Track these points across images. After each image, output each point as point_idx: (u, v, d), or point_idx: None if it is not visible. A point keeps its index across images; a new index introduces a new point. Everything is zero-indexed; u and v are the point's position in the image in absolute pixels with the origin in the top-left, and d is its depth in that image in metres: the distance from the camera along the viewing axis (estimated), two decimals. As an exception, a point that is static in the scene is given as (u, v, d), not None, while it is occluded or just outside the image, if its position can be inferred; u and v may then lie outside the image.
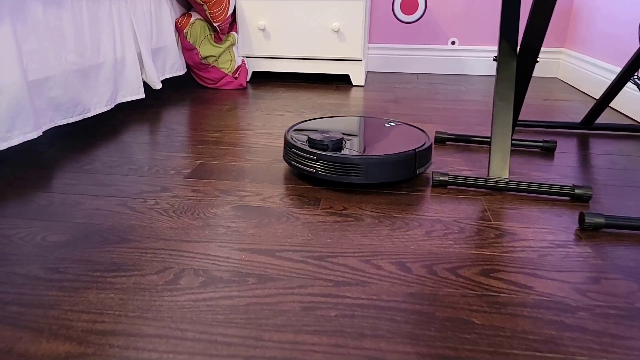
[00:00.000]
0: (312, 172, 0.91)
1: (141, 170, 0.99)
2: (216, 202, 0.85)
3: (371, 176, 0.89)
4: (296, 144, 0.94)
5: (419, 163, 0.93)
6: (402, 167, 0.91)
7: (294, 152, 0.94)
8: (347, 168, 0.89)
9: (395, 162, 0.90)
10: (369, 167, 0.89)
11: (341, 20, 1.79)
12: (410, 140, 0.97)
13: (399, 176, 0.91)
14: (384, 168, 0.89)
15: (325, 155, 0.89)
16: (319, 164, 0.90)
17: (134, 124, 1.33)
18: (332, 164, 0.89)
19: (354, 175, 0.89)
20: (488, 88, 1.86)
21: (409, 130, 1.05)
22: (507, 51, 0.95)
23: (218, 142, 1.19)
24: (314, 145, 0.93)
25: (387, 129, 1.05)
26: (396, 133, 1.03)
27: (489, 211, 0.83)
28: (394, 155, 0.89)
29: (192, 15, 1.72)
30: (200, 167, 1.02)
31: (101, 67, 1.24)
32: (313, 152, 0.90)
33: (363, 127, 1.07)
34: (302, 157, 0.92)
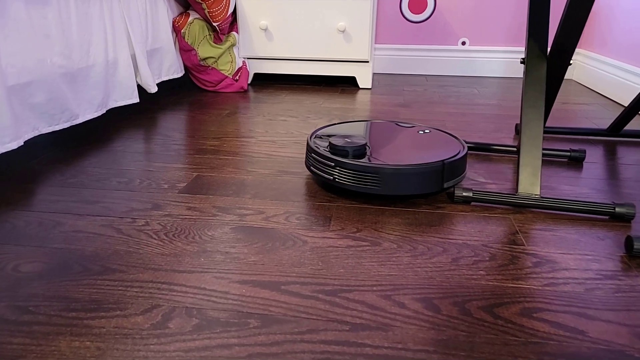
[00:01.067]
0: (329, 180, 0.85)
1: (131, 184, 0.90)
2: (213, 223, 0.76)
3: (389, 187, 0.81)
4: (317, 149, 0.88)
5: (448, 176, 0.84)
6: (426, 179, 0.82)
7: (313, 157, 0.88)
8: (363, 177, 0.81)
9: (417, 173, 0.81)
10: (387, 177, 0.81)
11: (347, 19, 1.69)
12: (441, 150, 0.89)
13: (422, 189, 0.82)
14: (404, 179, 0.81)
15: (344, 162, 0.82)
16: (337, 171, 0.83)
17: (127, 130, 1.24)
18: (350, 172, 0.82)
19: (370, 185, 0.81)
20: (502, 91, 1.77)
21: (443, 138, 0.96)
22: (536, 52, 0.85)
23: (217, 151, 1.09)
24: (334, 150, 0.86)
25: (419, 136, 0.97)
26: (428, 141, 0.94)
27: (520, 233, 0.73)
28: (417, 166, 0.81)
29: (191, 14, 1.63)
30: (197, 180, 0.92)
31: (91, 70, 1.15)
32: (331, 158, 0.84)
33: (393, 133, 0.99)
34: (320, 163, 0.86)
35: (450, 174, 0.84)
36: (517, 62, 2.02)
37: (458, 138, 0.96)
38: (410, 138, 0.96)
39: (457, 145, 0.92)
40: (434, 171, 0.82)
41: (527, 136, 0.83)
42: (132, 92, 1.31)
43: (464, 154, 0.87)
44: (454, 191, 0.83)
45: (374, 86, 1.85)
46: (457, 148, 0.90)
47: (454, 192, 0.83)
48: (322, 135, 0.96)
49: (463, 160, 0.87)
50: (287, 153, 1.08)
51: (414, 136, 0.97)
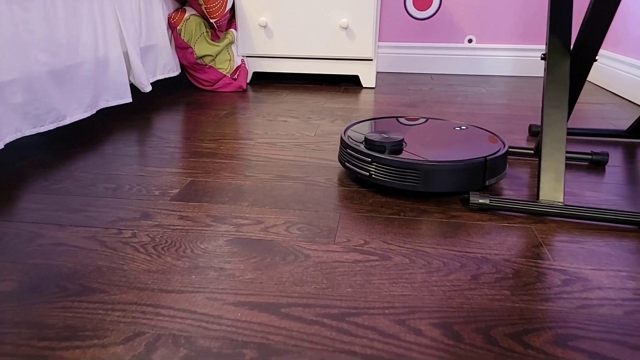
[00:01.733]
0: (365, 176, 0.83)
1: (120, 190, 0.84)
2: (207, 234, 0.69)
3: (432, 184, 0.78)
4: (351, 144, 0.85)
5: (490, 173, 0.81)
6: (469, 176, 0.79)
7: (348, 152, 0.86)
8: (404, 173, 0.79)
9: (460, 169, 0.78)
10: (429, 174, 0.78)
11: (350, 16, 1.63)
12: (482, 146, 0.86)
13: (463, 187, 0.80)
14: (448, 176, 0.78)
15: (382, 157, 0.80)
16: (374, 167, 0.81)
17: (119, 132, 1.17)
18: (388, 168, 0.80)
19: (412, 181, 0.79)
20: (511, 90, 1.70)
21: (480, 135, 0.93)
22: (559, 48, 0.79)
23: (213, 154, 1.03)
24: (370, 146, 0.83)
25: (456, 132, 0.94)
26: (466, 137, 0.91)
27: (545, 246, 0.67)
28: (459, 162, 0.78)
29: (187, 10, 1.56)
30: (191, 185, 0.86)
31: (79, 68, 1.08)
32: (368, 154, 0.82)
33: (429, 129, 0.96)
34: (356, 159, 0.84)
35: (492, 171, 0.81)
36: (526, 60, 1.95)
37: (497, 134, 0.93)
38: (447, 134, 0.93)
39: (497, 142, 0.88)
40: (477, 168, 0.79)
41: (550, 138, 0.76)
42: (124, 91, 1.24)
43: (505, 151, 0.83)
44: (469, 198, 0.76)
45: (378, 85, 1.78)
46: (498, 145, 0.86)
47: (469, 199, 0.76)
48: (356, 130, 0.94)
49: (504, 157, 0.83)
50: (288, 156, 1.01)
51: (450, 132, 0.94)
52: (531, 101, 1.53)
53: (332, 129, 1.21)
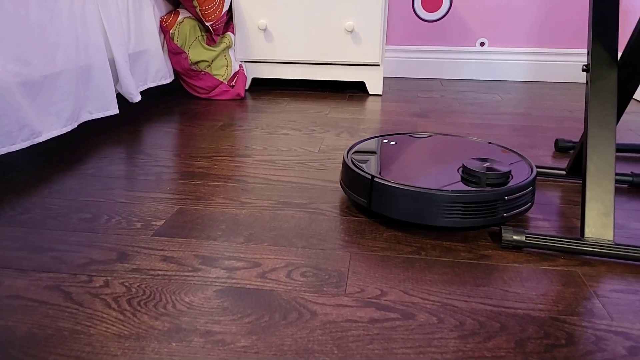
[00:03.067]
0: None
1: (96, 222, 0.73)
2: (194, 282, 0.58)
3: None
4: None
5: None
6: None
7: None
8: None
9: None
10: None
11: (356, 18, 1.52)
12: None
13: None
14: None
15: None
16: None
17: (102, 148, 1.06)
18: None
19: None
20: (528, 97, 1.59)
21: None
22: (604, 58, 0.67)
23: (206, 174, 0.92)
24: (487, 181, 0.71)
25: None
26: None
27: (597, 297, 0.56)
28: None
29: (181, 12, 1.45)
30: (178, 215, 0.75)
31: (58, 78, 0.97)
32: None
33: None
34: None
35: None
36: (542, 65, 1.84)
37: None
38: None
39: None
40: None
41: (595, 163, 0.65)
42: (110, 102, 1.13)
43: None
44: (502, 234, 0.65)
45: (385, 92, 1.67)
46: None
47: (502, 235, 0.65)
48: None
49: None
50: (289, 177, 0.90)
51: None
52: (551, 110, 1.42)
53: (338, 144, 1.10)
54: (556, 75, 1.85)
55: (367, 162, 0.78)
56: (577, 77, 1.84)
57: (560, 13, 1.78)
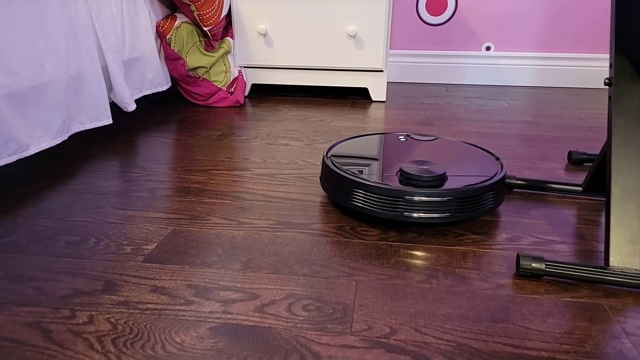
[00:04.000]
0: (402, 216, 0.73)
1: (83, 245, 0.68)
2: (185, 317, 0.53)
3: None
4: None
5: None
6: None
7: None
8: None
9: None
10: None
11: (359, 22, 1.47)
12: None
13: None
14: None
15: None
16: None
17: (94, 161, 1.02)
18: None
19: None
20: (536, 104, 1.54)
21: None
22: (628, 71, 0.63)
23: (202, 190, 0.87)
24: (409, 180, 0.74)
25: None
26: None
27: (627, 335, 0.51)
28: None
29: (178, 17, 1.41)
30: (171, 238, 0.70)
31: (47, 88, 0.92)
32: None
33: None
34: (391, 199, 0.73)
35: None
36: (549, 70, 1.79)
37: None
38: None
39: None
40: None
41: (620, 186, 0.60)
42: (103, 112, 1.09)
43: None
44: (519, 261, 0.60)
45: (389, 98, 1.62)
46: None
47: (519, 262, 0.60)
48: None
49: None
50: (290, 193, 0.86)
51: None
52: (561, 118, 1.37)
53: (341, 155, 1.05)
54: (564, 80, 1.80)
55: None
56: (585, 83, 1.79)
57: (568, 16, 1.73)
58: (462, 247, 0.68)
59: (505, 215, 0.78)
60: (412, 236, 0.71)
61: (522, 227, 0.74)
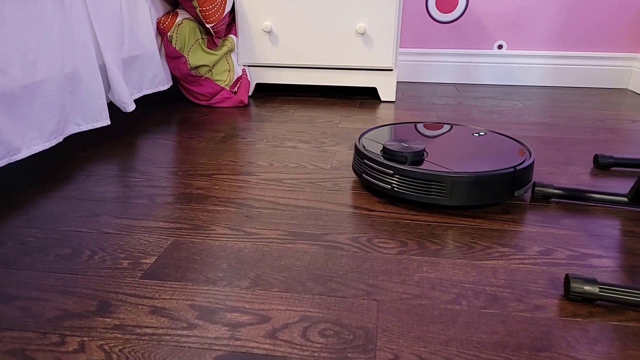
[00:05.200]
0: (387, 189, 0.78)
1: (76, 259, 0.62)
2: (188, 344, 0.47)
3: (459, 197, 0.74)
4: (369, 154, 0.81)
5: (519, 183, 0.76)
6: (499, 187, 0.75)
7: (366, 163, 0.81)
8: (429, 186, 0.74)
9: (490, 181, 0.74)
10: (456, 186, 0.73)
11: (368, 20, 1.41)
12: (506, 155, 0.81)
13: (493, 199, 0.75)
14: (475, 188, 0.73)
15: (404, 169, 0.75)
16: (396, 180, 0.76)
17: (90, 165, 0.96)
18: (411, 180, 0.75)
19: (437, 195, 0.74)
20: (552, 105, 1.48)
21: (501, 142, 0.88)
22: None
23: (205, 196, 0.81)
24: (391, 156, 0.79)
25: (475, 139, 0.90)
26: (487, 145, 0.86)
27: (689, 367, 0.45)
28: (488, 173, 0.74)
29: (179, 13, 1.35)
30: (172, 250, 0.64)
31: (40, 88, 0.87)
32: (389, 165, 0.77)
33: (447, 136, 0.91)
34: (375, 171, 0.79)
35: (521, 182, 0.77)
36: (563, 69, 1.73)
37: (519, 141, 0.88)
38: (467, 141, 0.88)
39: (520, 149, 0.84)
40: (505, 178, 0.75)
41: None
42: (100, 112, 1.03)
43: (532, 160, 0.79)
44: (568, 283, 0.54)
45: (398, 98, 1.56)
46: (523, 153, 0.82)
47: (568, 285, 0.54)
48: (370, 139, 0.89)
49: (531, 167, 0.79)
50: (300, 200, 0.80)
51: (470, 139, 0.90)
52: (580, 119, 1.31)
53: (351, 159, 0.99)
54: (578, 80, 1.74)
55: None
56: (601, 82, 1.73)
57: (583, 13, 1.67)
58: (490, 261, 0.62)
59: (533, 224, 0.72)
60: (435, 249, 0.65)
61: (555, 239, 0.68)
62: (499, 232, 0.70)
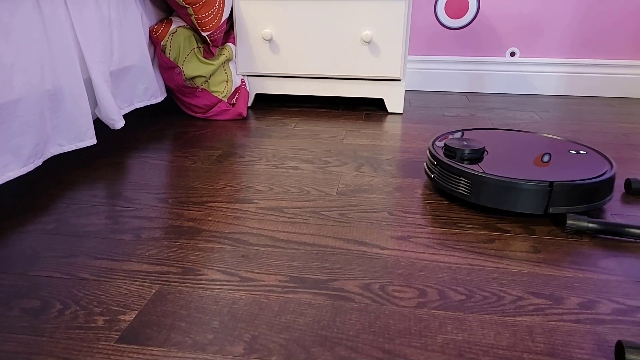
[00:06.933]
0: (430, 177, 0.86)
1: (45, 314, 0.54)
2: None
3: (480, 196, 0.77)
4: (434, 151, 0.86)
5: (557, 200, 0.73)
6: (523, 197, 0.74)
7: (427, 154, 0.89)
8: (457, 180, 0.79)
9: (514, 188, 0.74)
10: (478, 185, 0.76)
11: (374, 27, 1.32)
12: (577, 169, 0.78)
13: (514, 206, 0.75)
14: (497, 191, 0.75)
15: (442, 162, 0.82)
16: (437, 170, 0.83)
17: (72, 190, 0.88)
18: (445, 172, 0.81)
19: (461, 189, 0.79)
20: (570, 116, 1.39)
21: (592, 159, 0.84)
22: None
23: (197, 230, 0.73)
24: (448, 152, 0.84)
25: (569, 155, 0.86)
26: (573, 159, 0.84)
27: None
28: (514, 180, 0.74)
29: (173, 21, 1.27)
30: (156, 302, 0.56)
31: (15, 108, 0.78)
32: (437, 158, 0.84)
33: (534, 146, 0.90)
34: (429, 162, 0.87)
35: (561, 198, 0.73)
36: (579, 77, 1.64)
37: (610, 160, 0.83)
38: (557, 154, 0.86)
39: (603, 168, 0.80)
40: (535, 190, 0.73)
41: None
42: (85, 131, 0.95)
43: (604, 179, 0.75)
44: (622, 353, 0.45)
45: (406, 109, 1.48)
46: (598, 170, 0.78)
47: (623, 356, 0.45)
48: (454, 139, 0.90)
49: (592, 185, 0.74)
50: (302, 235, 0.71)
51: (562, 153, 0.87)
52: (602, 133, 1.23)
53: (359, 182, 0.91)
54: (595, 89, 1.65)
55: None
56: (618, 91, 1.64)
57: (599, 19, 1.58)
58: (525, 317, 0.54)
59: (568, 267, 0.63)
60: (459, 300, 0.57)
61: (595, 287, 0.59)
62: (530, 276, 0.61)
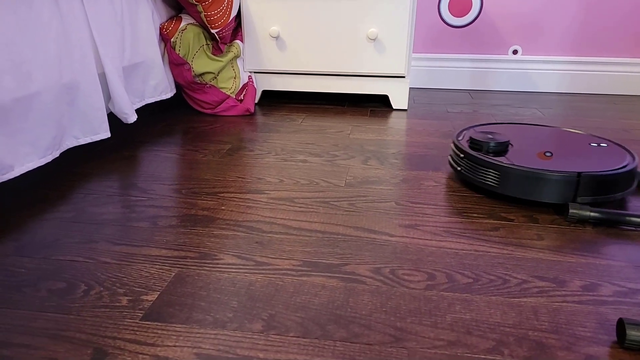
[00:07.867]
0: (456, 170, 0.88)
1: (71, 295, 0.56)
2: (195, 406, 0.41)
3: (507, 187, 0.79)
4: (460, 143, 0.89)
5: (584, 190, 0.76)
6: (550, 187, 0.76)
7: (451, 146, 0.92)
8: (485, 172, 0.82)
9: (543, 178, 0.76)
10: (506, 176, 0.79)
11: (379, 25, 1.35)
12: (596, 161, 0.81)
13: (541, 196, 0.77)
14: (525, 181, 0.77)
15: (468, 154, 0.84)
16: (464, 162, 0.85)
17: (88, 181, 0.90)
18: (472, 164, 0.84)
19: (489, 181, 0.81)
20: (572, 113, 1.42)
21: (613, 151, 0.86)
22: None
23: (211, 219, 0.75)
24: (473, 145, 0.87)
25: (589, 148, 0.88)
26: (595, 152, 0.86)
27: None
28: (543, 170, 0.77)
29: (183, 18, 1.29)
30: (176, 284, 0.58)
31: (34, 100, 0.81)
32: (463, 150, 0.86)
33: (556, 139, 0.93)
34: (454, 154, 0.89)
35: (587, 189, 0.76)
36: (581, 75, 1.67)
37: (633, 154, 0.85)
38: (576, 147, 0.89)
39: (624, 160, 0.82)
40: (564, 181, 0.76)
41: None
42: (99, 124, 0.97)
43: (621, 171, 0.77)
44: (624, 330, 0.48)
45: (410, 106, 1.50)
46: (619, 162, 0.81)
47: (623, 332, 0.48)
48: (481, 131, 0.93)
49: (614, 177, 0.76)
50: (314, 223, 0.74)
51: (582, 146, 0.89)
52: (604, 130, 1.25)
53: (367, 174, 0.93)
54: (597, 86, 1.67)
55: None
56: (620, 89, 1.66)
57: (601, 17, 1.60)
58: (529, 298, 0.56)
59: (571, 253, 0.66)
60: (466, 283, 0.59)
61: (597, 271, 0.62)
62: (534, 262, 0.64)
